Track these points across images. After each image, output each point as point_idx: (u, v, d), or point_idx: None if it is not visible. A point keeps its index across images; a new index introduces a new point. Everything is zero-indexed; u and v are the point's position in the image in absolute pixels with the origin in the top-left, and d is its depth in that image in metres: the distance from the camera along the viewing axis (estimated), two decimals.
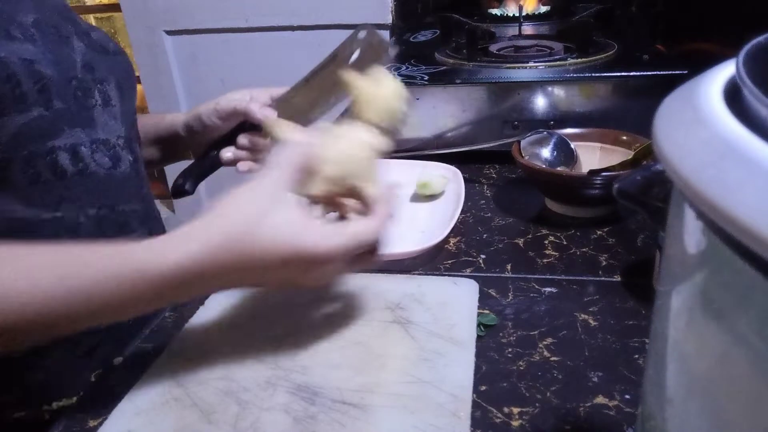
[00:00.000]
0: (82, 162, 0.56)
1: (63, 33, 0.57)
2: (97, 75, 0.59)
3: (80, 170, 0.56)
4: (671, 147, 0.19)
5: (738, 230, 0.15)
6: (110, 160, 0.59)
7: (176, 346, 0.51)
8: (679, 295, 0.22)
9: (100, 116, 0.59)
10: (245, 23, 1.48)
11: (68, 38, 0.57)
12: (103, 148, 0.59)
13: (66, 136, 0.55)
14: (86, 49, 0.59)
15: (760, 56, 0.21)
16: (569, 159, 0.73)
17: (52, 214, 0.55)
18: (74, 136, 0.56)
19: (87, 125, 0.57)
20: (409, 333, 0.50)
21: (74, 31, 0.59)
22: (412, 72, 0.85)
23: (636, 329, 0.49)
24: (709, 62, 0.23)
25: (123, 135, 0.62)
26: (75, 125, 0.56)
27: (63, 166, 0.55)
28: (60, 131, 0.54)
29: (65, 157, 0.55)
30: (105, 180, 0.58)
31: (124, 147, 0.61)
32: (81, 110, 0.57)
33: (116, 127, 0.61)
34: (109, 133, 0.60)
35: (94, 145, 0.58)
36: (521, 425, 0.41)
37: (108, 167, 0.59)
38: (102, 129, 0.59)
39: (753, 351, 0.18)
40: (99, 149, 0.58)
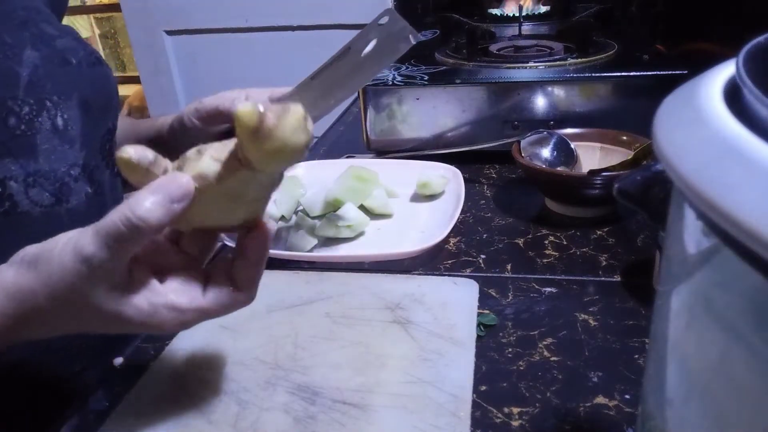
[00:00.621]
0: (10, 200, 0.47)
1: (9, 42, 0.48)
2: (48, 93, 0.50)
3: (6, 211, 0.47)
4: (671, 147, 0.19)
5: (738, 230, 0.15)
6: (52, 196, 0.50)
7: (176, 346, 0.51)
8: (679, 295, 0.22)
9: (45, 142, 0.50)
10: (245, 23, 1.48)
11: (15, 48, 0.49)
12: (44, 182, 0.49)
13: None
14: (41, 61, 0.50)
15: (760, 56, 0.21)
16: (569, 159, 0.73)
17: None
18: (1, 170, 0.47)
19: (22, 155, 0.48)
20: (409, 333, 0.50)
21: (29, 39, 0.50)
22: (412, 72, 0.86)
23: (636, 329, 0.49)
24: (709, 62, 0.23)
25: (80, 163, 0.52)
26: (4, 155, 0.47)
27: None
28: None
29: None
30: (42, 221, 0.49)
31: (79, 178, 0.52)
32: (14, 137, 0.48)
33: (70, 155, 0.52)
34: (57, 163, 0.51)
35: (30, 178, 0.48)
36: (521, 425, 0.41)
37: (48, 204, 0.50)
38: (45, 158, 0.50)
39: (753, 351, 0.18)
40: (37, 183, 0.49)
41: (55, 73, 0.50)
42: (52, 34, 0.52)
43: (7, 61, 0.47)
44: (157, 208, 0.33)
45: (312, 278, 0.59)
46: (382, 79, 0.83)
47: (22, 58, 0.48)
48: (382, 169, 0.75)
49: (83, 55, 0.54)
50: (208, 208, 0.35)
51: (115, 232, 0.32)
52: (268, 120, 0.30)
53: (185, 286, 0.36)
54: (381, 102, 0.84)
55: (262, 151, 0.31)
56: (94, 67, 0.55)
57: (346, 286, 0.57)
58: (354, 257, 0.63)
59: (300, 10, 1.43)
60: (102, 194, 0.55)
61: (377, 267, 0.61)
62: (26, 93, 0.48)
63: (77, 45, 0.54)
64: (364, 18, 1.54)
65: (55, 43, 0.52)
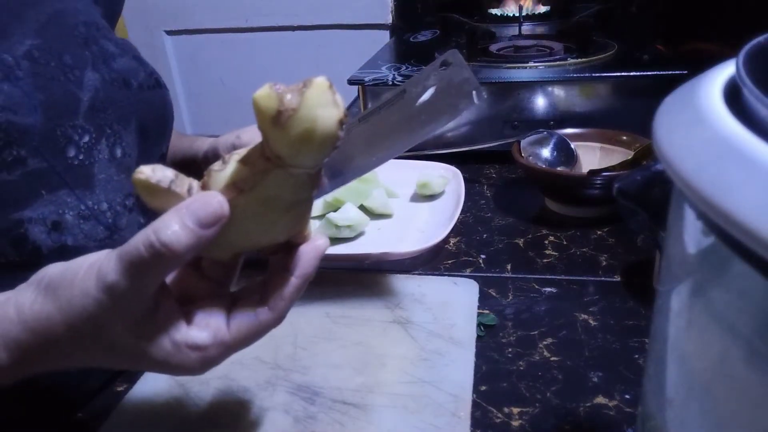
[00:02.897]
0: (65, 235, 0.44)
1: (69, 63, 0.45)
2: (109, 117, 0.47)
3: (62, 246, 0.44)
4: (671, 147, 0.19)
5: (738, 230, 0.15)
6: (107, 229, 0.47)
7: None
8: (679, 295, 0.22)
9: (101, 172, 0.47)
10: (245, 23, 1.48)
11: (76, 70, 0.46)
12: (99, 214, 0.47)
13: (43, 202, 0.43)
14: (101, 84, 0.47)
15: (760, 56, 0.21)
16: (569, 159, 0.73)
17: None
18: (56, 202, 0.44)
19: (79, 185, 0.45)
20: (409, 333, 0.50)
21: (91, 59, 0.47)
22: (412, 72, 0.85)
23: (636, 329, 0.49)
24: (709, 62, 0.23)
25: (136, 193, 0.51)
26: (59, 187, 0.44)
27: (36, 242, 0.43)
28: (34, 198, 0.42)
29: (40, 230, 0.43)
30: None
31: (133, 208, 0.50)
32: (72, 167, 0.45)
33: (127, 184, 0.49)
34: (113, 193, 0.48)
35: (86, 211, 0.46)
36: (521, 425, 0.41)
37: (102, 238, 0.47)
38: (102, 189, 0.47)
39: (753, 351, 0.18)
40: (92, 216, 0.46)
41: (115, 97, 0.48)
42: (113, 52, 0.50)
43: (68, 84, 0.44)
44: (185, 233, 0.28)
45: None
46: (382, 79, 0.83)
47: (83, 80, 0.46)
48: (382, 169, 0.75)
49: (143, 77, 0.51)
50: (245, 225, 0.31)
51: (138, 259, 0.28)
52: (288, 99, 0.26)
53: (208, 319, 0.32)
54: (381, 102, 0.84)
55: (289, 138, 0.27)
56: (154, 90, 0.53)
57: (346, 286, 0.57)
58: (354, 257, 0.63)
59: (300, 10, 1.43)
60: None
61: (377, 267, 0.61)
62: (86, 119, 0.45)
63: (137, 66, 0.52)
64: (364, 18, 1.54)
65: (115, 63, 0.49)
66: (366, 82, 0.83)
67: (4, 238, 0.41)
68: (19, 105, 0.40)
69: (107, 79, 0.47)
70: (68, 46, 0.46)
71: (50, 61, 0.44)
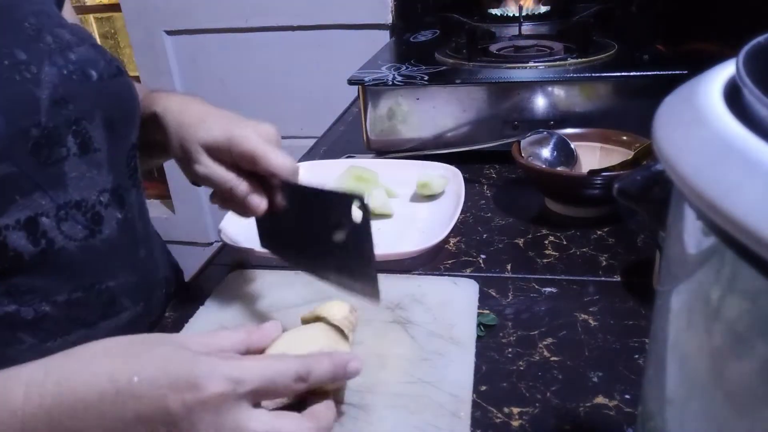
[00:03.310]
0: (44, 238, 0.44)
1: (24, 59, 0.43)
2: (72, 113, 0.45)
3: (43, 249, 0.44)
4: (671, 147, 0.19)
5: (738, 230, 0.15)
6: (86, 228, 0.47)
7: None
8: (679, 295, 0.22)
9: (73, 170, 0.46)
10: (245, 23, 1.47)
11: (32, 66, 0.44)
12: (76, 213, 0.46)
13: (18, 207, 0.42)
14: (60, 78, 0.45)
15: (760, 56, 0.21)
16: (569, 159, 0.73)
17: (2, 310, 0.43)
18: (31, 206, 0.43)
19: (51, 186, 0.44)
20: (409, 333, 0.50)
21: (46, 52, 0.45)
22: (412, 72, 0.85)
23: (636, 329, 0.49)
24: (709, 62, 0.23)
25: (109, 187, 0.49)
26: (32, 190, 0.43)
27: (17, 248, 0.42)
28: (8, 204, 0.41)
29: (19, 236, 0.42)
30: (78, 255, 0.46)
31: (109, 204, 0.49)
32: (42, 168, 0.43)
33: (99, 180, 0.48)
34: (87, 190, 0.47)
35: (62, 211, 0.45)
36: (521, 425, 0.41)
37: (82, 237, 0.46)
38: (75, 187, 0.46)
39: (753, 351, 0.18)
40: (69, 216, 0.45)
41: (76, 90, 0.46)
42: (69, 41, 0.48)
43: (25, 84, 0.43)
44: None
45: (311, 279, 0.58)
46: (382, 79, 0.83)
47: (41, 77, 0.44)
48: (382, 169, 0.75)
49: (104, 66, 0.49)
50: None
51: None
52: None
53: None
54: (381, 102, 0.84)
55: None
56: (116, 78, 0.51)
57: None
58: None
59: (300, 10, 1.42)
60: (132, 218, 0.52)
61: (377, 267, 0.61)
62: (48, 117, 0.44)
63: (96, 54, 0.50)
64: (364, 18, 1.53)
65: (72, 53, 0.47)
66: (366, 82, 0.83)
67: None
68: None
69: (65, 73, 0.45)
70: (19, 41, 0.44)
71: (3, 59, 0.42)
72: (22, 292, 0.43)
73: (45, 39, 0.46)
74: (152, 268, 0.55)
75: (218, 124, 0.49)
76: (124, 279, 0.50)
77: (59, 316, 0.46)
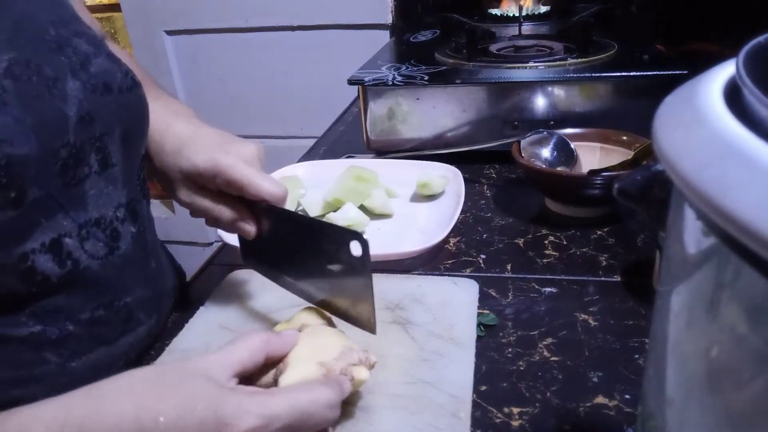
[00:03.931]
0: (70, 259, 0.43)
1: (50, 75, 0.41)
2: (96, 129, 0.44)
3: (69, 271, 0.43)
4: (671, 147, 0.19)
5: (738, 230, 0.15)
6: (106, 246, 0.46)
7: (177, 346, 0.51)
8: (679, 295, 0.22)
9: (92, 188, 0.44)
10: (245, 23, 1.47)
11: (58, 82, 0.41)
12: (97, 231, 0.45)
13: (42, 230, 0.40)
14: (84, 93, 0.43)
15: (760, 56, 0.20)
16: (569, 159, 0.73)
17: (28, 331, 0.42)
18: (54, 227, 0.41)
19: (73, 206, 0.43)
20: (409, 333, 0.50)
21: (68, 65, 0.43)
22: (412, 72, 0.85)
23: (636, 329, 0.49)
24: (709, 62, 0.23)
25: (124, 202, 0.48)
26: (56, 211, 0.41)
27: (44, 271, 0.41)
28: (34, 227, 0.40)
29: (45, 259, 0.41)
30: (100, 272, 0.45)
31: (125, 218, 0.48)
32: (66, 188, 0.42)
33: (114, 196, 0.47)
34: (105, 207, 0.46)
35: (83, 231, 0.44)
36: (521, 425, 0.41)
37: (104, 255, 0.46)
38: (94, 205, 0.45)
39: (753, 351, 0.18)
40: (91, 235, 0.44)
41: (98, 106, 0.44)
42: (87, 52, 0.46)
43: (54, 100, 0.41)
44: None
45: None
46: (382, 79, 0.83)
47: (66, 92, 0.42)
48: (382, 169, 0.75)
49: (121, 79, 0.48)
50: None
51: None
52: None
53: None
54: (381, 102, 0.84)
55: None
56: (132, 91, 0.49)
57: None
58: None
59: (300, 10, 1.42)
60: (143, 231, 0.51)
61: (377, 267, 0.61)
62: (75, 135, 0.42)
63: (113, 66, 0.48)
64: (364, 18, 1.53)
65: (92, 66, 0.45)
66: (366, 82, 0.83)
67: (12, 274, 0.39)
68: (14, 135, 0.36)
69: (88, 87, 0.44)
70: (44, 55, 0.42)
71: (31, 76, 0.40)
72: (48, 312, 0.43)
73: (66, 51, 0.44)
74: (162, 278, 0.55)
75: (200, 151, 0.48)
76: (139, 293, 0.50)
77: (82, 334, 0.45)
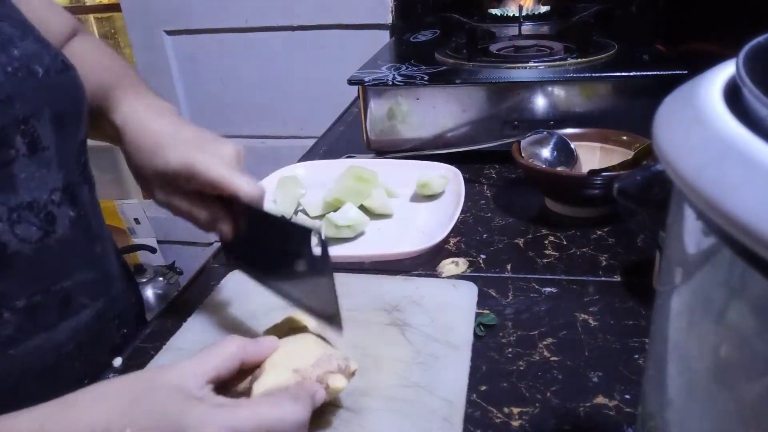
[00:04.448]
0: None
1: None
2: (18, 111, 0.43)
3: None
4: (671, 147, 0.19)
5: (738, 230, 0.15)
6: (40, 229, 0.45)
7: (175, 345, 0.51)
8: (679, 295, 0.22)
9: (22, 170, 0.44)
10: (245, 23, 1.47)
11: None
12: (29, 215, 0.44)
13: None
14: (4, 76, 0.43)
15: (760, 56, 0.20)
16: (569, 159, 0.73)
17: None
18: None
19: (1, 189, 0.43)
20: (406, 336, 0.50)
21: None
22: (412, 72, 0.85)
23: (636, 329, 0.49)
24: (709, 62, 0.23)
25: (60, 185, 0.47)
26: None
27: None
28: None
29: None
30: (34, 257, 0.45)
31: (61, 202, 0.47)
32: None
33: (49, 179, 0.46)
34: (38, 191, 0.45)
35: (14, 214, 0.43)
36: (521, 425, 0.41)
37: (37, 238, 0.45)
38: (25, 189, 0.44)
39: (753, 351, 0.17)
40: (22, 218, 0.44)
41: (22, 88, 0.44)
42: (11, 35, 0.46)
43: None
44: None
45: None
46: (382, 79, 0.83)
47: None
48: (382, 169, 0.75)
49: (49, 62, 0.47)
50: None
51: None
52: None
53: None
54: (381, 102, 0.84)
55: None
56: (62, 74, 0.48)
57: (345, 287, 0.57)
58: (354, 257, 0.63)
59: (300, 10, 1.42)
60: (85, 215, 0.51)
61: (377, 267, 0.61)
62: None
63: (41, 49, 0.47)
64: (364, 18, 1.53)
65: (16, 48, 0.45)
66: (366, 82, 0.83)
67: None
68: None
69: (9, 71, 0.43)
70: None
71: None
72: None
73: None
74: (109, 263, 0.55)
75: (176, 150, 0.48)
76: (81, 277, 0.49)
77: (20, 321, 0.44)
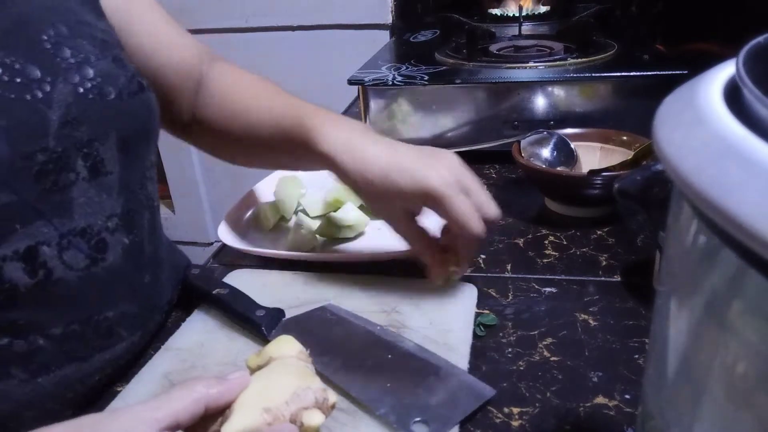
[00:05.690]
0: (43, 268, 0.41)
1: (37, 77, 0.40)
2: (83, 135, 0.42)
3: (40, 281, 0.41)
4: (671, 147, 0.19)
5: (738, 230, 0.15)
6: (87, 257, 0.44)
7: (172, 345, 0.51)
8: (679, 295, 0.22)
9: (80, 195, 0.43)
10: (245, 23, 1.47)
11: (45, 84, 0.41)
12: (80, 241, 0.43)
13: (18, 237, 0.39)
14: (74, 97, 0.42)
15: (760, 56, 0.20)
16: (569, 159, 0.73)
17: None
18: (32, 235, 0.40)
19: (56, 214, 0.41)
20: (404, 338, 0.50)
21: (62, 68, 0.42)
22: (412, 72, 0.85)
23: (636, 329, 0.49)
24: (709, 62, 0.23)
25: (118, 212, 0.46)
26: (35, 218, 0.40)
27: (12, 280, 0.39)
28: (8, 234, 0.39)
29: (15, 267, 0.39)
30: (77, 285, 0.43)
31: (116, 230, 0.46)
32: (46, 195, 0.41)
33: (107, 205, 0.45)
34: (93, 217, 0.44)
35: (64, 240, 0.42)
36: (521, 425, 0.41)
37: (83, 267, 0.43)
38: (81, 214, 0.43)
39: (753, 351, 0.17)
40: (72, 245, 0.42)
41: (90, 111, 0.43)
42: (88, 54, 0.45)
43: (37, 104, 0.40)
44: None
45: (311, 280, 0.59)
46: (382, 79, 0.83)
47: (53, 96, 0.41)
48: None
49: (123, 83, 0.46)
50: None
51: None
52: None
53: None
54: (381, 102, 0.84)
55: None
56: (136, 96, 0.47)
57: (344, 288, 0.57)
58: (354, 257, 0.63)
59: (300, 10, 1.43)
60: (140, 242, 0.49)
61: (377, 267, 0.61)
62: (57, 140, 0.41)
63: (117, 70, 0.46)
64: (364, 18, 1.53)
65: (92, 67, 0.44)
66: (366, 82, 0.83)
67: None
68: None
69: (81, 92, 0.43)
70: (35, 57, 0.41)
71: (15, 77, 0.39)
72: (16, 324, 0.41)
73: (63, 53, 0.43)
74: (155, 294, 0.53)
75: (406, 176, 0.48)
76: (124, 308, 0.47)
77: (53, 349, 0.43)
